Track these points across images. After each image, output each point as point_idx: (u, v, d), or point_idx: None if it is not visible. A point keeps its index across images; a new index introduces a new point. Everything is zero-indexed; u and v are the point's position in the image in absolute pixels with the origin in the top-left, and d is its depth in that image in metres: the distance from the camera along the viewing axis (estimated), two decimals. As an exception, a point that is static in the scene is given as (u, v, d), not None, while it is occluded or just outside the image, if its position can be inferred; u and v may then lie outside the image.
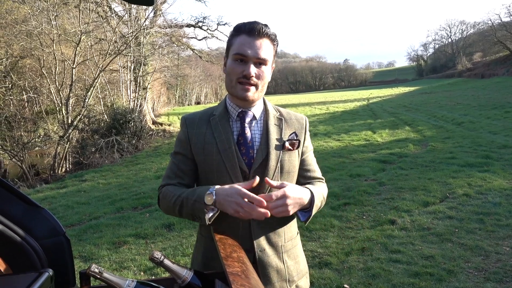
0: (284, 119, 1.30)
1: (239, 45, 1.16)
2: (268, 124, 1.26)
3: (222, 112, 1.26)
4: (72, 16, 13.17)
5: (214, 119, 1.25)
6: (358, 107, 22.77)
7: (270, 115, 1.28)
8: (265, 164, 1.21)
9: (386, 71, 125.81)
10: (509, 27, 46.40)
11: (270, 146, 1.22)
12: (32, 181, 10.04)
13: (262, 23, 1.17)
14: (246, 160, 1.21)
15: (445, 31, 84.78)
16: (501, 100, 17.84)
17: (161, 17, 20.27)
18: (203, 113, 1.31)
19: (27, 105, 15.02)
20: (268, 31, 1.17)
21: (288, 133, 1.27)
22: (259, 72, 1.17)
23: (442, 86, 38.76)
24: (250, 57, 1.14)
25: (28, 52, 13.09)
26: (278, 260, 1.23)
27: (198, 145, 1.24)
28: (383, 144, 9.41)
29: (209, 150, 1.22)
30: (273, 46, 1.21)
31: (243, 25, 1.17)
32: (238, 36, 1.17)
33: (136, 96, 16.87)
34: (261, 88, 1.20)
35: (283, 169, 1.24)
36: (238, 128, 1.24)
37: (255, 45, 1.15)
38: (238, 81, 1.17)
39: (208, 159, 1.22)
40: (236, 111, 1.24)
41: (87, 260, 3.73)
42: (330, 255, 3.51)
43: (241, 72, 1.16)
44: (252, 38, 1.15)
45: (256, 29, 1.15)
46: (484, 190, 5.11)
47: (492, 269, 3.08)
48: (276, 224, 1.24)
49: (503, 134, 9.46)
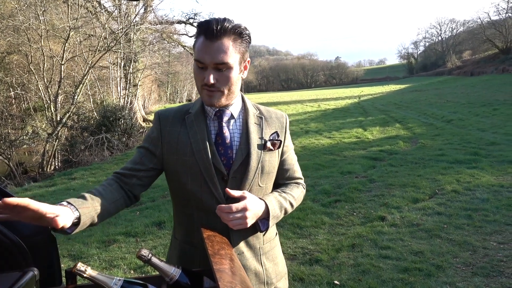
0: (264, 118, 1.24)
1: (197, 50, 1.08)
2: (248, 123, 1.20)
3: (198, 110, 1.19)
4: (60, 11, 12.96)
5: (189, 117, 1.18)
6: (349, 105, 22.90)
7: (250, 113, 1.21)
8: (245, 165, 1.15)
9: (377, 69, 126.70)
10: (498, 25, 47.11)
11: (251, 145, 1.17)
12: (20, 179, 9.89)
13: (221, 19, 1.05)
14: (225, 160, 1.15)
15: (435, 29, 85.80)
16: (489, 98, 18.12)
17: (152, 13, 20.09)
18: (178, 110, 1.23)
19: (14, 102, 14.79)
20: (227, 28, 1.05)
21: (269, 132, 1.22)
22: (220, 77, 1.08)
23: (432, 84, 39.19)
24: (208, 63, 1.06)
25: (15, 48, 12.87)
26: (256, 263, 1.20)
27: (171, 144, 1.17)
28: (374, 142, 9.48)
29: (183, 150, 1.15)
30: (239, 43, 1.09)
31: (200, 25, 1.07)
32: (198, 38, 1.08)
33: (126, 93, 16.71)
34: (228, 92, 1.12)
35: (264, 170, 1.19)
36: (216, 127, 1.18)
37: (212, 49, 1.05)
38: (202, 88, 1.11)
39: (182, 159, 1.15)
40: (213, 109, 1.17)
41: (76, 259, 3.69)
42: (321, 252, 3.52)
43: (202, 79, 1.08)
44: (210, 40, 1.05)
45: (211, 30, 1.04)
46: (472, 187, 5.18)
47: (480, 264, 3.12)
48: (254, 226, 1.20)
49: (492, 131, 9.60)
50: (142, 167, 1.18)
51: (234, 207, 1.04)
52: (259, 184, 1.18)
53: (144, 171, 1.18)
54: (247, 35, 1.11)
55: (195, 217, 1.18)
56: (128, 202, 1.16)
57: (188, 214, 1.19)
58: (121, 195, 1.13)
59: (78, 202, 0.98)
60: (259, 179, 1.18)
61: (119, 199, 1.11)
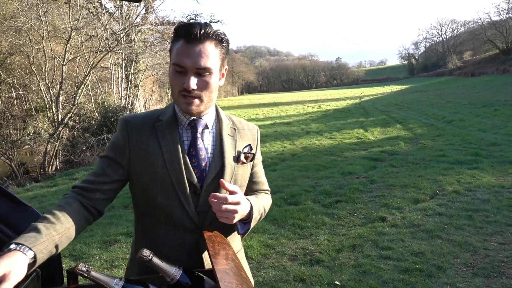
0: (237, 129, 1.19)
1: (177, 54, 1.02)
2: (222, 134, 1.14)
3: (170, 119, 1.11)
4: (62, 12, 12.99)
5: (160, 125, 1.10)
6: (350, 105, 22.90)
7: (224, 124, 1.16)
8: (218, 178, 1.09)
9: (378, 70, 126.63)
10: (498, 26, 47.07)
11: (226, 158, 1.12)
12: (21, 180, 9.91)
13: (203, 23, 1.02)
14: (198, 173, 1.09)
15: (436, 29, 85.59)
16: (490, 98, 18.10)
17: (153, 14, 20.13)
18: (146, 116, 1.14)
19: (16, 103, 14.82)
20: (209, 32, 1.01)
21: (242, 145, 1.17)
22: (201, 83, 1.03)
23: (433, 85, 39.15)
24: (189, 67, 1.01)
25: (17, 49, 12.90)
26: None
27: (140, 153, 1.08)
28: (375, 142, 9.48)
29: (153, 161, 1.07)
30: (219, 49, 1.05)
31: (180, 28, 1.03)
32: (177, 41, 1.03)
33: (127, 94, 16.73)
34: (207, 99, 1.07)
35: (236, 183, 1.14)
36: (189, 138, 1.11)
37: (194, 53, 1.00)
38: (180, 94, 1.04)
39: (152, 170, 1.07)
40: (187, 119, 1.10)
41: (77, 259, 3.70)
42: (322, 252, 3.53)
43: (181, 84, 1.02)
44: (191, 44, 1.00)
45: (193, 33, 0.99)
46: (473, 187, 5.18)
47: (480, 265, 3.12)
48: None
49: (492, 131, 9.60)
50: (106, 179, 1.08)
51: (229, 198, 1.00)
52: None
53: (109, 184, 1.08)
54: (226, 41, 1.07)
55: (162, 232, 1.11)
56: (91, 219, 1.06)
57: (154, 228, 1.13)
58: (82, 214, 1.03)
59: (30, 239, 0.86)
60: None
61: (79, 220, 1.01)
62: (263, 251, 3.62)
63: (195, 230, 1.11)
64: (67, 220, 0.97)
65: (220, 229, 1.14)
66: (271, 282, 3.04)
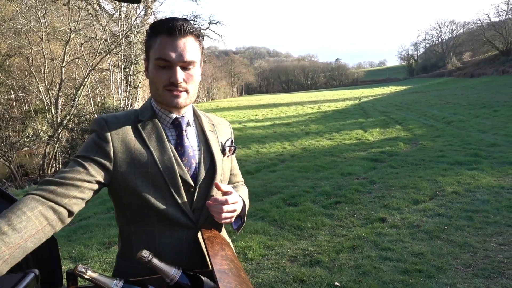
0: (215, 125, 1.22)
1: (160, 48, 1.00)
2: (204, 130, 1.16)
3: (151, 118, 1.09)
4: (61, 14, 13.02)
5: (143, 125, 1.07)
6: (349, 106, 22.92)
7: (203, 120, 1.18)
8: (210, 174, 1.11)
9: (377, 70, 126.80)
10: (497, 27, 47.18)
11: (214, 153, 1.13)
12: (20, 182, 9.90)
13: (182, 19, 1.02)
14: (189, 171, 1.09)
15: (435, 30, 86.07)
16: (490, 99, 18.12)
17: (152, 15, 20.14)
18: (125, 116, 1.09)
19: (15, 104, 14.82)
20: (190, 28, 1.02)
21: (223, 139, 1.20)
22: (187, 76, 1.04)
23: (432, 85, 39.21)
24: (175, 61, 1.00)
25: (16, 51, 12.92)
26: None
27: (126, 154, 1.03)
28: (374, 143, 9.48)
29: (142, 161, 1.04)
30: (198, 43, 1.06)
31: (161, 23, 1.01)
32: (156, 36, 1.02)
33: (127, 95, 16.74)
34: (193, 93, 1.08)
35: (224, 176, 1.17)
36: (174, 136, 1.10)
37: (178, 46, 1.00)
38: (165, 89, 1.04)
39: (142, 171, 1.03)
40: (170, 118, 1.10)
41: (77, 261, 3.69)
42: (321, 253, 3.52)
43: (167, 79, 1.02)
44: (174, 38, 1.00)
45: (176, 28, 0.99)
46: (472, 188, 5.18)
47: (480, 265, 3.12)
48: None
49: (492, 132, 9.60)
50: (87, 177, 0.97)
51: (229, 199, 1.01)
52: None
53: (89, 183, 0.97)
54: (202, 37, 1.09)
55: (156, 233, 1.08)
56: (58, 225, 0.92)
57: (148, 231, 1.08)
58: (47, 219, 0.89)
59: None
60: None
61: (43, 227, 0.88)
62: (262, 252, 3.62)
63: (192, 227, 1.10)
64: (24, 229, 0.83)
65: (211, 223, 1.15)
66: (271, 283, 3.04)
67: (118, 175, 1.03)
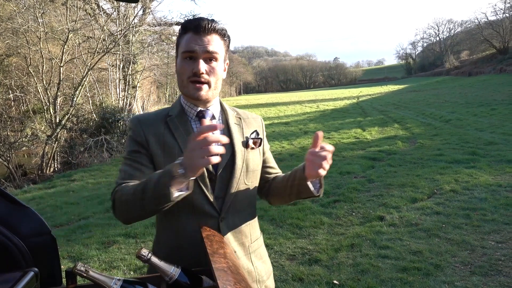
0: (242, 118, 1.27)
1: (186, 43, 1.11)
2: (229, 123, 1.22)
3: (179, 113, 1.19)
4: (59, 13, 12.97)
5: (171, 119, 1.17)
6: (348, 105, 22.94)
7: (229, 114, 1.24)
8: (231, 164, 1.17)
9: (375, 69, 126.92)
10: (495, 25, 47.25)
11: (235, 145, 1.18)
12: (19, 182, 9.88)
13: (209, 19, 1.12)
14: None
15: (433, 29, 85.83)
16: (487, 98, 18.17)
17: (150, 15, 20.07)
18: (157, 113, 1.22)
19: (13, 104, 14.78)
20: (215, 26, 1.12)
21: (249, 132, 1.25)
22: (209, 68, 1.12)
23: (430, 84, 39.27)
24: (199, 52, 1.09)
25: (14, 50, 12.88)
26: (247, 261, 1.21)
27: (157, 145, 1.15)
28: (373, 142, 9.50)
29: (170, 152, 1.13)
30: (223, 41, 1.15)
31: (189, 23, 1.12)
32: (185, 34, 1.12)
33: (125, 95, 16.69)
34: (214, 86, 1.15)
35: (249, 168, 1.20)
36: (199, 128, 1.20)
37: (204, 40, 1.10)
38: (189, 80, 1.12)
39: (170, 160, 1.08)
40: (195, 110, 1.18)
41: (76, 261, 3.70)
42: (320, 252, 3.54)
43: (190, 70, 1.10)
44: (199, 35, 1.10)
45: (202, 26, 1.09)
46: (470, 186, 5.20)
47: (478, 263, 3.14)
48: (243, 225, 1.22)
49: (489, 131, 9.63)
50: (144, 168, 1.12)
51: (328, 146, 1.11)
52: (245, 182, 1.20)
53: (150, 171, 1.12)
54: (228, 37, 1.18)
55: (183, 221, 1.15)
56: None
57: (176, 217, 1.16)
58: None
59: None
60: (245, 178, 1.20)
61: None
62: (261, 251, 3.63)
63: (215, 216, 1.15)
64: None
65: (239, 214, 1.20)
66: (270, 282, 3.05)
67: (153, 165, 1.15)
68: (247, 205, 1.23)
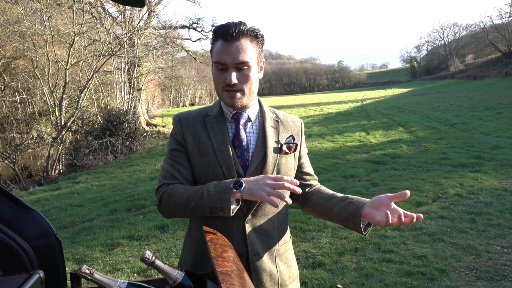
0: (280, 121, 1.27)
1: (217, 53, 1.12)
2: (265, 126, 1.23)
3: (217, 113, 1.22)
4: (65, 17, 13.10)
5: (209, 119, 1.21)
6: (352, 108, 22.88)
7: (267, 117, 1.25)
8: (261, 168, 1.18)
9: (380, 73, 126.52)
10: (500, 29, 46.96)
11: (268, 148, 1.19)
12: (24, 183, 9.95)
13: (237, 23, 1.11)
14: (241, 163, 1.18)
15: (438, 33, 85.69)
16: (493, 102, 18.04)
17: (155, 18, 20.23)
18: (197, 112, 1.26)
19: (20, 107, 14.92)
20: (244, 30, 1.11)
21: (285, 136, 1.25)
22: (241, 77, 1.13)
23: (435, 88, 39.08)
24: (229, 64, 1.11)
25: (21, 53, 13.01)
26: (271, 264, 1.21)
27: (193, 145, 1.19)
28: (377, 145, 9.46)
29: (205, 151, 1.18)
30: (255, 43, 1.15)
31: (217, 29, 1.13)
32: (216, 41, 1.14)
33: (130, 98, 16.79)
34: (248, 92, 1.17)
35: (280, 173, 1.20)
36: (233, 130, 1.21)
37: (232, 50, 1.10)
38: (224, 89, 1.15)
39: (203, 160, 1.18)
40: (231, 112, 1.21)
41: (80, 263, 3.71)
42: (324, 256, 3.52)
43: (223, 80, 1.13)
44: (228, 43, 1.10)
45: (229, 33, 1.09)
46: (475, 190, 5.16)
47: (483, 268, 3.11)
48: (271, 228, 1.22)
49: (495, 135, 9.56)
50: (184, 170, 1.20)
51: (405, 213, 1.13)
52: None
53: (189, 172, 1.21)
54: (261, 36, 1.17)
55: (212, 218, 1.18)
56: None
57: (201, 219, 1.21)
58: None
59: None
60: None
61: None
62: (265, 254, 3.62)
63: (241, 216, 1.18)
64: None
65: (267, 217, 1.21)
66: (273, 286, 3.04)
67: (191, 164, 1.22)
68: (277, 209, 1.23)
